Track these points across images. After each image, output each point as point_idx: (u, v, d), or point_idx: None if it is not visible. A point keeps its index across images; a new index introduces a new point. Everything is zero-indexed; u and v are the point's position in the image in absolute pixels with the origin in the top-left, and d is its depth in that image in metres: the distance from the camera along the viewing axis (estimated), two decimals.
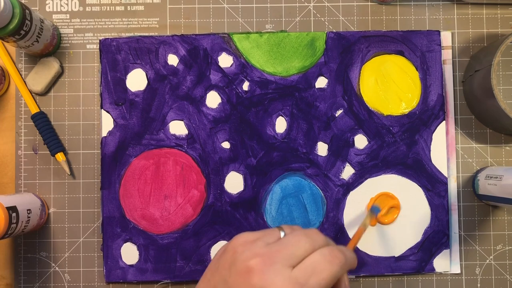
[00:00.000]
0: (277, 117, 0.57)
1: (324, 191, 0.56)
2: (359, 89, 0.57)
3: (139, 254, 0.56)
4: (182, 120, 0.57)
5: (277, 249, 0.35)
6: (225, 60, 0.57)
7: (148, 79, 0.57)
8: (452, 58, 0.58)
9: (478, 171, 0.57)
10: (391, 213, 0.56)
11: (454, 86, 0.58)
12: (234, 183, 0.56)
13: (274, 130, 0.57)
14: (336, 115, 0.57)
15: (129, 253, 0.56)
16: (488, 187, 0.53)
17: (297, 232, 0.37)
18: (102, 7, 0.58)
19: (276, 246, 0.35)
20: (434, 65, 0.57)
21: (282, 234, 0.38)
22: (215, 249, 0.56)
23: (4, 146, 0.57)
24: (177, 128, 0.57)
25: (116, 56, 0.57)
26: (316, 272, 0.34)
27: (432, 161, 0.56)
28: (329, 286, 0.35)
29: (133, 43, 0.57)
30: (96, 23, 0.58)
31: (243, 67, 0.57)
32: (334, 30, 0.58)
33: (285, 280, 0.33)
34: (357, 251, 0.56)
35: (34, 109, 0.57)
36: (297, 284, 0.33)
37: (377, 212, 0.55)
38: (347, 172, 0.56)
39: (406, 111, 0.57)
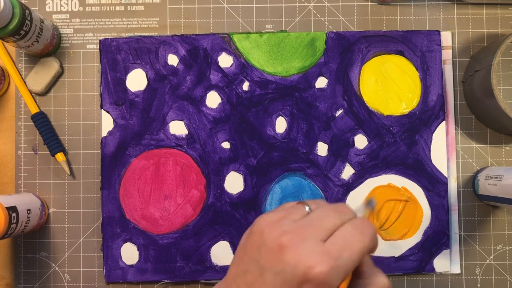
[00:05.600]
0: (277, 117, 0.57)
1: (324, 191, 0.56)
2: (359, 89, 0.57)
3: (139, 254, 0.56)
4: (182, 120, 0.57)
5: (306, 224, 0.34)
6: (225, 60, 0.57)
7: (148, 79, 0.57)
8: (452, 58, 0.58)
9: (478, 171, 0.57)
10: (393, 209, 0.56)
11: (454, 86, 0.58)
12: (234, 183, 0.56)
13: (274, 130, 0.57)
14: (336, 115, 0.57)
15: (129, 253, 0.56)
16: (488, 187, 0.53)
17: (324, 206, 0.36)
18: (102, 7, 0.58)
19: (304, 221, 0.34)
20: (434, 65, 0.57)
21: (307, 208, 0.36)
22: (215, 249, 0.56)
23: (4, 146, 0.57)
24: (177, 128, 0.57)
25: (116, 56, 0.57)
26: (348, 244, 0.33)
27: (432, 161, 0.56)
28: (361, 259, 0.33)
29: (133, 43, 0.57)
30: (96, 23, 0.58)
31: (243, 67, 0.57)
32: (334, 30, 0.58)
33: (319, 255, 0.32)
34: None
35: (34, 109, 0.57)
36: (331, 259, 0.32)
37: (373, 206, 0.53)
38: (347, 172, 0.56)
39: (406, 111, 0.57)
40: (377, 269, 0.36)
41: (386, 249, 0.56)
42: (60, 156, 0.56)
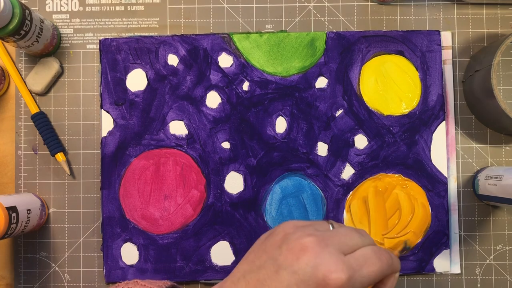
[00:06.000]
0: (277, 117, 0.57)
1: (324, 191, 0.56)
2: (359, 89, 0.57)
3: (139, 254, 0.56)
4: (182, 120, 0.57)
5: (330, 235, 0.35)
6: (225, 60, 0.57)
7: (148, 79, 0.57)
8: (452, 58, 0.58)
9: (478, 171, 0.57)
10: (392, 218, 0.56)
11: (454, 86, 0.58)
12: (234, 183, 0.56)
13: (274, 130, 0.57)
14: (336, 115, 0.57)
15: (129, 253, 0.56)
16: (488, 187, 0.53)
17: (348, 227, 0.38)
18: (102, 7, 0.58)
19: (328, 232, 0.36)
20: (434, 65, 0.57)
21: (330, 226, 0.38)
22: (215, 249, 0.56)
23: (4, 146, 0.57)
24: (177, 128, 0.57)
25: (116, 56, 0.57)
26: (367, 263, 0.34)
27: (432, 161, 0.56)
28: (375, 281, 0.35)
29: (133, 43, 0.57)
30: (96, 23, 0.58)
31: (243, 67, 0.57)
32: (334, 30, 0.58)
33: (339, 263, 0.33)
34: None
35: (34, 109, 0.57)
36: (350, 269, 0.33)
37: (408, 248, 0.55)
38: (347, 172, 0.56)
39: (406, 111, 0.57)
40: None
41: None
42: (60, 156, 0.56)
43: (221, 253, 0.56)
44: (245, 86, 0.57)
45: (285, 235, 0.36)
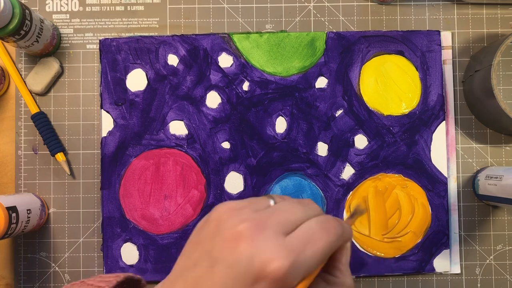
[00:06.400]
0: (277, 117, 0.57)
1: (324, 191, 0.56)
2: (359, 89, 0.57)
3: (139, 254, 0.56)
4: (182, 120, 0.57)
5: (268, 215, 0.30)
6: (225, 60, 0.57)
7: (148, 79, 0.57)
8: (452, 58, 0.58)
9: (478, 171, 0.57)
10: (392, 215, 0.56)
11: (454, 86, 0.58)
12: (234, 183, 0.56)
13: (274, 130, 0.57)
14: (336, 115, 0.57)
15: (129, 253, 0.56)
16: (488, 187, 0.53)
17: (289, 200, 0.33)
18: (102, 7, 0.58)
19: (266, 212, 0.31)
20: (434, 65, 0.57)
21: (271, 202, 0.33)
22: None
23: (4, 146, 0.57)
24: (177, 128, 0.57)
25: (116, 56, 0.57)
26: (312, 240, 0.30)
27: (432, 161, 0.56)
28: (325, 258, 0.31)
29: (133, 43, 0.57)
30: (96, 23, 0.58)
31: (243, 67, 0.57)
32: (334, 30, 0.58)
33: (278, 248, 0.28)
34: (357, 251, 0.56)
35: (34, 109, 0.57)
36: (292, 253, 0.28)
37: (362, 212, 0.53)
38: (347, 172, 0.56)
39: (406, 111, 0.57)
40: (348, 268, 0.34)
41: (386, 249, 0.56)
42: (60, 156, 0.56)
43: None
44: (245, 86, 0.57)
45: (218, 223, 0.31)
